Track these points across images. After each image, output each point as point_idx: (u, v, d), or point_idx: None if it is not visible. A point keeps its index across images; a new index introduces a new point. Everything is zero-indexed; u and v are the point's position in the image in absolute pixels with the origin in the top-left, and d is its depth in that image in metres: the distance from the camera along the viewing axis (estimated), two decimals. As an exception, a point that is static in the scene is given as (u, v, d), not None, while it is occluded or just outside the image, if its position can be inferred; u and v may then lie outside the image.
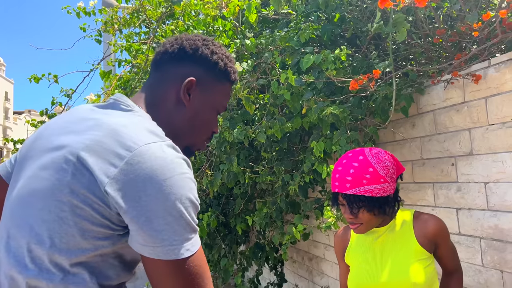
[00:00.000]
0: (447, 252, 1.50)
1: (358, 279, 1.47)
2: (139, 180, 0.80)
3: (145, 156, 0.81)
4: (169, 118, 1.03)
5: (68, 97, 3.51)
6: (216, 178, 2.58)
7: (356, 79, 1.79)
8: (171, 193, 0.80)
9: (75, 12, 3.70)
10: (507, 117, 1.97)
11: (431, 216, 1.48)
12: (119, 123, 0.89)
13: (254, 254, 3.54)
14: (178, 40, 1.07)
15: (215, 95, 1.08)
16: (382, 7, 1.53)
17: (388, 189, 1.39)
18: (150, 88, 1.06)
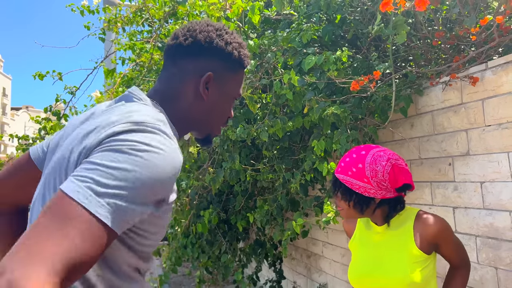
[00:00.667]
0: (451, 249, 1.50)
1: (356, 271, 1.52)
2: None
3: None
4: (188, 111, 1.06)
5: (71, 94, 3.55)
6: (218, 176, 2.63)
7: (357, 80, 1.84)
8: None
9: (79, 10, 3.74)
10: (503, 118, 2.02)
11: (432, 217, 1.47)
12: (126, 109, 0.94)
13: (254, 251, 3.60)
14: (191, 32, 1.06)
15: (231, 85, 1.11)
16: (384, 11, 1.58)
17: (370, 191, 1.40)
18: (167, 82, 1.07)
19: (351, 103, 2.33)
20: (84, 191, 0.74)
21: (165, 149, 0.84)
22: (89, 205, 0.73)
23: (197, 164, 2.85)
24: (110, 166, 0.77)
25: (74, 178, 0.76)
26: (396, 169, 1.43)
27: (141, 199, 0.79)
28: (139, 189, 0.78)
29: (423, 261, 1.42)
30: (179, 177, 2.84)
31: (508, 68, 1.99)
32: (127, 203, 0.77)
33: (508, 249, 2.01)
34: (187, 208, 2.80)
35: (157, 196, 0.83)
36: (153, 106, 1.00)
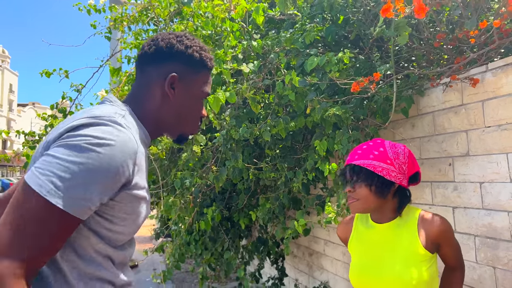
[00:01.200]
0: (450, 251, 1.52)
1: (359, 271, 1.51)
2: None
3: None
4: (157, 112, 1.16)
5: (77, 92, 3.60)
6: (221, 174, 2.67)
7: (358, 81, 1.87)
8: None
9: (86, 10, 3.78)
10: (503, 120, 2.05)
11: (437, 217, 1.49)
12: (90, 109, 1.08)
13: (256, 248, 3.64)
14: (154, 41, 1.19)
15: (196, 85, 1.20)
16: (384, 16, 1.61)
17: (392, 174, 1.43)
18: (137, 88, 1.19)
19: (353, 104, 2.36)
20: (46, 184, 0.87)
21: (117, 139, 0.95)
22: (50, 197, 0.86)
23: (200, 162, 2.90)
24: (68, 160, 0.89)
25: (36, 171, 0.89)
26: (411, 155, 1.52)
27: (98, 188, 0.91)
28: (94, 179, 0.90)
29: (428, 260, 1.43)
30: (183, 175, 2.89)
31: (507, 70, 2.01)
32: (84, 193, 0.89)
33: (506, 249, 2.04)
34: (191, 205, 2.85)
35: (113, 182, 0.94)
36: (120, 106, 1.11)
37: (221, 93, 2.27)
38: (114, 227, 1.00)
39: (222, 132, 2.65)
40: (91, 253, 0.99)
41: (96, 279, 1.00)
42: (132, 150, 0.97)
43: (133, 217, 1.04)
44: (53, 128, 1.07)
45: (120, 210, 1.00)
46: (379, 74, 1.85)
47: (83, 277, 0.97)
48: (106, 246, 1.01)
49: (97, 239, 0.99)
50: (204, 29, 2.61)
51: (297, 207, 2.93)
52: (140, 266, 7.47)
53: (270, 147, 2.86)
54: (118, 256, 1.05)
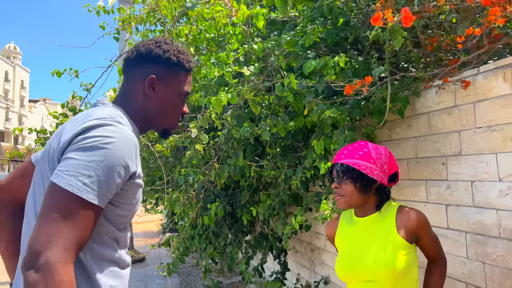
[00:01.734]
0: (428, 242, 1.65)
1: (343, 263, 1.64)
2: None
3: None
4: (141, 109, 1.31)
5: (87, 91, 3.73)
6: (223, 171, 2.78)
7: (351, 84, 1.96)
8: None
9: (95, 11, 3.91)
10: (492, 121, 2.13)
11: (413, 210, 1.63)
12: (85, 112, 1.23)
13: (259, 243, 3.75)
14: (136, 47, 1.34)
15: (175, 84, 1.34)
16: (374, 24, 1.70)
17: (375, 172, 1.58)
18: (122, 89, 1.34)
19: (350, 105, 2.45)
20: (75, 183, 1.01)
21: (121, 137, 1.10)
22: (81, 194, 1.01)
23: (203, 160, 3.01)
24: (88, 160, 1.04)
25: (63, 173, 1.03)
26: (392, 156, 1.67)
27: (115, 178, 1.06)
28: (112, 172, 1.05)
29: (406, 249, 1.55)
30: (186, 172, 3.01)
31: (497, 73, 2.09)
32: (106, 184, 1.05)
33: (494, 245, 2.13)
34: (194, 201, 2.97)
35: (126, 173, 1.10)
36: (113, 107, 1.26)
37: (223, 94, 2.37)
38: (120, 211, 1.16)
39: (224, 131, 2.76)
40: (103, 236, 1.14)
41: (105, 260, 1.15)
42: (134, 144, 1.13)
43: (134, 202, 1.20)
44: (62, 127, 1.20)
45: (126, 197, 1.15)
46: (370, 78, 1.94)
47: (95, 259, 1.12)
48: (114, 229, 1.16)
49: (107, 223, 1.14)
50: (207, 32, 2.71)
51: (297, 203, 3.03)
52: (148, 260, 7.64)
53: (271, 146, 2.96)
54: (122, 238, 1.20)
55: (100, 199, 1.04)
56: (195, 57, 2.81)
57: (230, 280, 6.06)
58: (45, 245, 0.94)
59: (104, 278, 1.13)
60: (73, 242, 0.99)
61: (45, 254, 0.93)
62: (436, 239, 1.70)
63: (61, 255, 0.95)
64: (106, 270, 1.14)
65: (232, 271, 6.56)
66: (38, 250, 0.94)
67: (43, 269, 0.92)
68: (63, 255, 0.96)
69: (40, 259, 0.93)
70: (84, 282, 1.09)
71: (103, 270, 1.13)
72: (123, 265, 1.22)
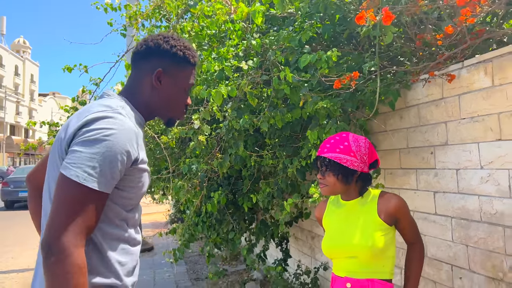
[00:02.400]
0: (407, 225, 1.80)
1: (329, 242, 1.81)
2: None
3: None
4: (148, 100, 1.43)
5: (96, 85, 3.90)
6: (224, 161, 2.95)
7: (340, 78, 2.10)
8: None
9: (103, 8, 4.07)
10: (475, 112, 2.26)
11: (393, 195, 1.79)
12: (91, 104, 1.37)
13: (260, 231, 3.93)
14: (145, 41, 1.45)
15: (180, 78, 1.46)
16: (358, 23, 1.84)
17: (355, 164, 1.72)
18: (131, 81, 1.46)
19: (342, 97, 2.59)
20: (81, 174, 1.15)
21: (121, 128, 1.22)
22: (87, 183, 1.15)
23: (206, 150, 3.17)
24: (91, 152, 1.16)
25: (70, 165, 1.17)
26: (372, 146, 1.81)
27: (117, 166, 1.20)
28: (114, 161, 1.18)
29: (384, 229, 1.72)
30: (190, 162, 3.19)
31: (479, 67, 2.22)
32: (109, 172, 1.18)
33: (476, 228, 2.27)
34: (197, 189, 3.14)
35: (128, 160, 1.23)
36: (117, 99, 1.38)
37: (223, 87, 2.53)
38: (126, 194, 1.29)
39: (225, 123, 2.92)
40: (111, 218, 1.28)
41: (115, 239, 1.29)
42: (133, 133, 1.25)
43: (139, 185, 1.33)
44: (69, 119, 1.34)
45: (130, 181, 1.29)
46: (358, 73, 2.08)
47: (105, 238, 1.26)
48: (122, 211, 1.30)
49: (114, 205, 1.28)
50: (209, 29, 2.86)
51: (295, 191, 3.19)
52: (156, 249, 7.87)
53: (270, 137, 3.12)
54: (130, 218, 1.35)
55: (104, 186, 1.17)
56: (198, 52, 2.97)
57: (235, 268, 6.25)
58: (59, 232, 1.10)
59: (114, 255, 1.28)
60: (83, 227, 1.13)
61: (59, 239, 1.09)
62: (414, 224, 1.84)
63: (73, 240, 1.10)
64: (116, 247, 1.29)
65: (238, 259, 6.75)
66: (53, 236, 1.10)
67: (58, 253, 1.08)
68: (75, 240, 1.11)
69: (55, 244, 1.09)
70: (96, 259, 1.24)
71: (113, 248, 1.28)
72: (133, 243, 1.36)
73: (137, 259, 1.39)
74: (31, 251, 8.01)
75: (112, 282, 1.26)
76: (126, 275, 1.32)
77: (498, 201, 2.13)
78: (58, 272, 1.07)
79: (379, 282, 1.71)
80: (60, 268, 1.07)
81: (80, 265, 1.10)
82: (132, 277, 1.36)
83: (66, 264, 1.08)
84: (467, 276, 2.34)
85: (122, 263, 1.30)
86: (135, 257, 1.37)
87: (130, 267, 1.34)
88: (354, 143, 1.75)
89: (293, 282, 4.27)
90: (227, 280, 5.60)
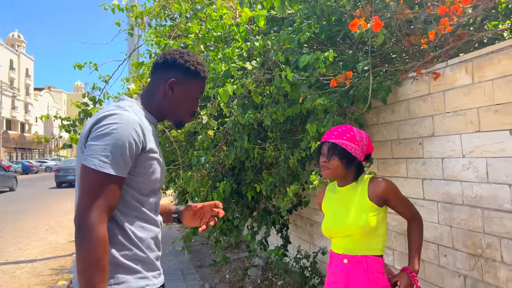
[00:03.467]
0: (398, 203, 2.03)
1: (327, 223, 2.07)
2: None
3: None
4: (161, 105, 1.68)
5: (105, 82, 4.13)
6: (230, 153, 3.20)
7: (336, 77, 2.35)
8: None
9: (111, 8, 4.28)
10: (457, 107, 2.52)
11: (382, 179, 2.03)
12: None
13: (263, 218, 4.19)
14: (164, 55, 1.71)
15: (190, 88, 1.70)
16: (352, 29, 2.08)
17: (357, 152, 1.98)
18: (149, 86, 1.73)
19: (339, 94, 2.84)
20: (98, 162, 1.40)
21: (126, 121, 1.46)
22: (104, 169, 1.40)
23: (213, 143, 3.41)
24: (104, 144, 1.39)
25: (88, 156, 1.42)
26: (369, 139, 2.08)
27: (126, 152, 1.44)
28: (123, 148, 1.43)
29: (375, 210, 1.96)
30: (199, 154, 3.44)
31: (461, 66, 2.47)
32: (121, 158, 1.43)
33: (458, 211, 2.54)
34: (205, 179, 3.39)
35: (136, 146, 1.47)
36: (129, 100, 1.64)
37: (229, 86, 2.77)
38: (138, 179, 1.52)
39: (231, 118, 3.16)
40: (127, 199, 1.51)
41: (133, 217, 1.53)
42: (137, 125, 1.48)
43: (150, 171, 1.55)
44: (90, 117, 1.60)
45: (142, 167, 1.52)
46: (351, 73, 2.33)
47: (124, 215, 1.50)
48: (137, 194, 1.53)
49: (130, 189, 1.51)
50: (215, 31, 3.09)
51: (295, 180, 3.45)
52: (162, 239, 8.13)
53: (272, 130, 3.37)
54: (146, 202, 1.57)
55: (118, 171, 1.39)
56: (205, 53, 3.20)
57: (237, 256, 6.53)
58: (85, 211, 1.35)
59: (133, 229, 1.52)
60: (104, 206, 1.37)
61: (85, 217, 1.34)
62: (406, 200, 2.07)
63: (96, 216, 1.35)
64: (134, 223, 1.53)
65: (239, 247, 7.03)
66: (81, 214, 1.36)
67: (84, 227, 1.34)
68: (98, 217, 1.36)
69: (82, 221, 1.35)
70: (118, 231, 1.49)
71: (132, 223, 1.52)
72: (150, 222, 1.59)
73: (156, 236, 1.62)
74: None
75: (134, 253, 1.51)
76: (147, 249, 1.55)
77: (477, 186, 2.39)
78: (86, 242, 1.34)
79: (372, 257, 1.97)
80: (87, 239, 1.34)
81: (102, 237, 1.35)
82: (154, 252, 1.60)
83: (91, 237, 1.33)
84: (451, 254, 2.61)
85: (142, 238, 1.53)
86: (153, 233, 1.60)
87: (149, 243, 1.57)
88: (358, 134, 2.01)
89: (293, 266, 4.54)
90: (230, 267, 5.88)
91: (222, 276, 5.53)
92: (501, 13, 2.83)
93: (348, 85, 2.37)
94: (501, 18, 2.86)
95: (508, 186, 2.20)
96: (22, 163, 44.75)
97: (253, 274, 5.27)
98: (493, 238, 2.30)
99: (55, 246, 8.27)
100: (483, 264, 2.37)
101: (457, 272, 2.57)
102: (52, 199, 17.46)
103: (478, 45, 2.82)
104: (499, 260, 2.26)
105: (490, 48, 2.26)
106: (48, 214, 12.71)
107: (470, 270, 2.46)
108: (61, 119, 4.19)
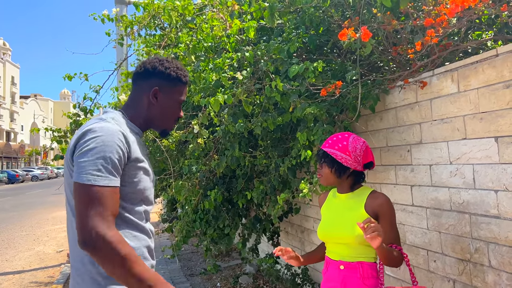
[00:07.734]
0: (387, 224, 1.97)
1: (322, 229, 2.10)
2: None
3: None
4: (145, 114, 1.70)
5: (96, 92, 4.12)
6: (221, 161, 3.22)
7: (326, 87, 2.39)
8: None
9: (100, 19, 4.29)
10: (444, 115, 2.58)
11: (382, 194, 2.04)
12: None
13: (253, 225, 4.21)
14: (143, 64, 1.72)
15: (174, 95, 1.72)
16: (341, 39, 2.12)
17: (349, 162, 1.99)
18: (131, 96, 1.74)
19: (328, 102, 2.89)
20: (91, 177, 1.40)
21: (108, 132, 1.47)
22: (99, 183, 1.41)
23: (204, 152, 3.43)
24: (92, 158, 1.40)
25: (79, 174, 1.42)
26: (368, 149, 2.08)
27: (115, 160, 1.45)
28: (110, 158, 1.44)
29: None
30: (189, 162, 3.45)
31: (447, 75, 2.53)
32: (111, 167, 1.44)
33: (447, 217, 2.59)
34: (197, 188, 3.40)
35: (122, 154, 1.48)
36: (112, 112, 1.65)
37: (220, 95, 2.80)
38: (125, 188, 1.53)
39: (221, 127, 3.18)
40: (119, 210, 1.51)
41: (125, 226, 1.54)
42: (118, 131, 1.49)
43: (136, 181, 1.56)
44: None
45: (128, 176, 1.53)
46: (340, 83, 2.37)
47: (116, 225, 1.48)
48: (124, 203, 1.53)
49: (119, 199, 1.52)
50: (205, 41, 3.12)
51: (286, 188, 3.47)
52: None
53: (263, 139, 3.40)
54: (135, 211, 1.58)
55: (111, 181, 1.41)
56: (195, 63, 3.22)
57: (228, 264, 6.51)
58: (93, 225, 1.34)
59: (125, 238, 1.49)
60: (108, 214, 1.39)
61: (96, 231, 1.32)
62: (395, 226, 2.01)
63: (105, 225, 1.36)
64: (126, 233, 1.53)
65: (230, 255, 7.02)
66: (91, 230, 1.34)
67: (101, 242, 1.33)
68: (107, 225, 1.36)
69: (95, 236, 1.33)
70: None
71: (123, 233, 1.52)
72: (143, 231, 1.61)
73: (149, 245, 1.63)
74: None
75: None
76: (141, 258, 1.54)
77: (465, 192, 2.45)
78: (110, 257, 1.33)
79: (367, 263, 2.00)
80: (109, 255, 1.33)
81: (120, 240, 1.36)
82: (148, 261, 1.61)
83: (111, 249, 1.33)
84: (440, 259, 2.65)
85: (135, 247, 1.54)
86: (146, 242, 1.61)
87: (143, 252, 1.59)
88: (352, 144, 2.01)
89: (284, 273, 4.55)
90: (221, 275, 5.87)
91: (213, 284, 5.52)
92: (485, 23, 2.92)
93: (338, 94, 2.41)
94: (484, 28, 2.95)
95: (494, 192, 2.26)
96: (8, 172, 44.09)
97: (244, 281, 5.27)
98: (481, 243, 2.35)
99: (42, 256, 8.16)
100: (472, 269, 2.42)
101: (446, 277, 2.61)
102: (39, 209, 17.26)
103: (463, 55, 2.90)
104: (487, 264, 2.31)
105: (475, 57, 2.33)
106: (35, 224, 12.56)
107: (459, 275, 2.51)
108: (52, 131, 4.17)
